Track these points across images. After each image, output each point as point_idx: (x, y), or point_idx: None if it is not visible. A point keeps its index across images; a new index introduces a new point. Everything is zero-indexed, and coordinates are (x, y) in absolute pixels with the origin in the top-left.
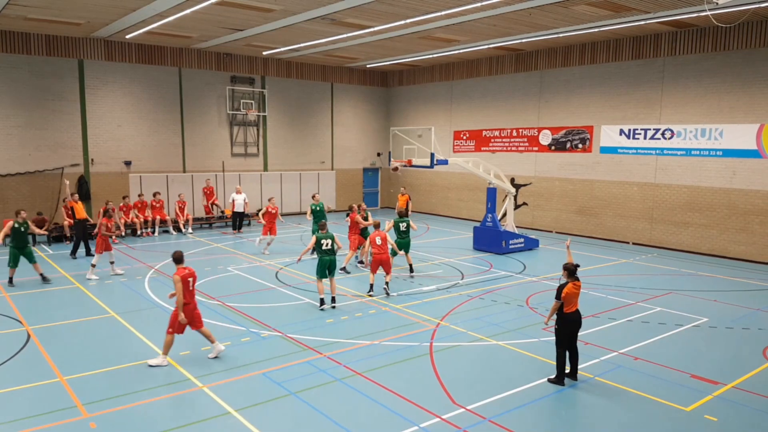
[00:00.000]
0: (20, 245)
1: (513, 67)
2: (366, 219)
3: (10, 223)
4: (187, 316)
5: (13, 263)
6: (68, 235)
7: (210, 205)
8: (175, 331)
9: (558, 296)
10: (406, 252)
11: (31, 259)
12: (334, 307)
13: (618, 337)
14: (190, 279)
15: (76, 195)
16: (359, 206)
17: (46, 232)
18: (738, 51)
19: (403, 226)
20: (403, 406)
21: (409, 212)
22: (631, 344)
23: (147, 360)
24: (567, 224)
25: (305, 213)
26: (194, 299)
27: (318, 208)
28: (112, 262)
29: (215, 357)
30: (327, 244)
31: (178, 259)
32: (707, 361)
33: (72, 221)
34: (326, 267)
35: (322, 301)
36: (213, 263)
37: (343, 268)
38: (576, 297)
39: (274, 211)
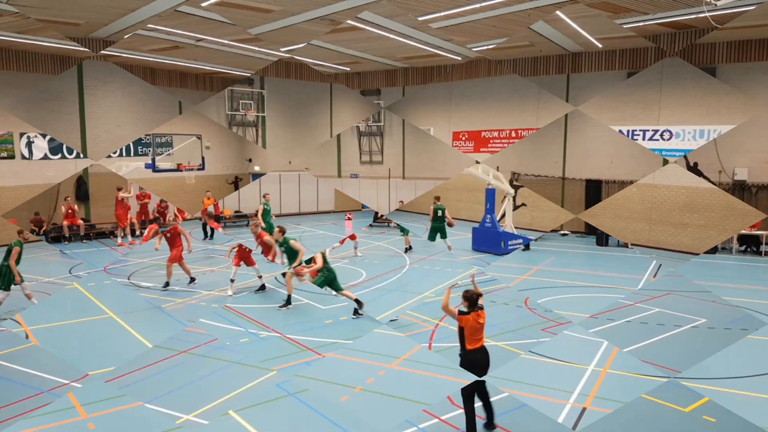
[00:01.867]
0: None
1: (512, 68)
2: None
3: None
4: None
5: None
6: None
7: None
8: None
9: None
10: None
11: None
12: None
13: (616, 338)
14: None
15: None
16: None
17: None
18: None
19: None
20: (402, 406)
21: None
22: (630, 345)
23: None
24: (566, 225)
25: (304, 214)
26: None
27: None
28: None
29: None
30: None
31: None
32: (706, 361)
33: None
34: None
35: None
36: (212, 263)
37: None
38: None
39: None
